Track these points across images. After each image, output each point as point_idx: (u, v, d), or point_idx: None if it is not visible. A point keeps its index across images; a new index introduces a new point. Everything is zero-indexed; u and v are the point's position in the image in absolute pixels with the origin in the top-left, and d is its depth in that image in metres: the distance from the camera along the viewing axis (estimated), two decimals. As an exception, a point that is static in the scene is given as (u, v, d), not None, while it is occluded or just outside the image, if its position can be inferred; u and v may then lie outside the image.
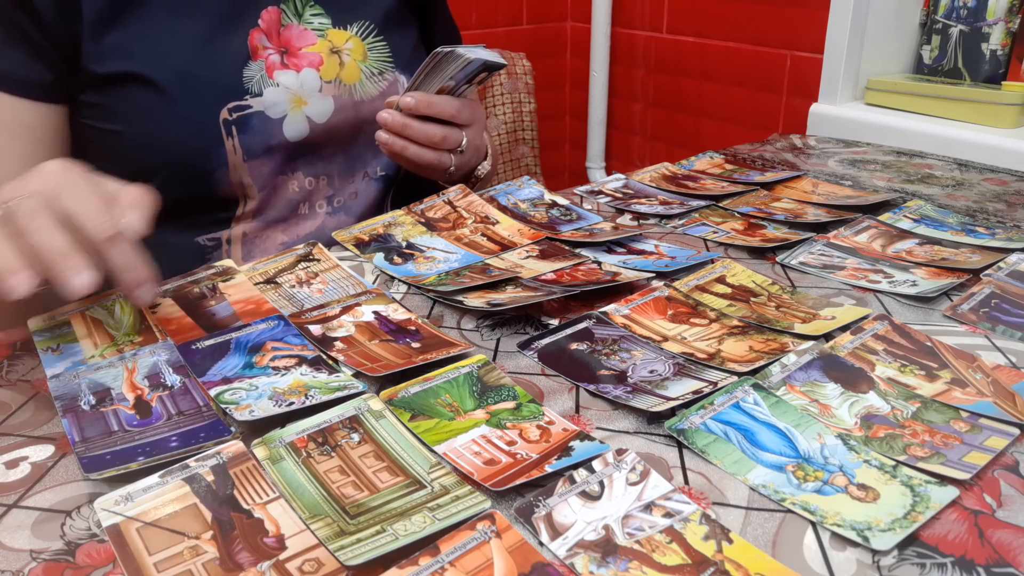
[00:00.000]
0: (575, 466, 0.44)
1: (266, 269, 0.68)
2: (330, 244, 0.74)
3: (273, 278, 0.67)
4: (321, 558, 0.38)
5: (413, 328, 0.59)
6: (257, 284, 0.65)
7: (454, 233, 0.76)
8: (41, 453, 0.46)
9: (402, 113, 0.76)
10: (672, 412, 0.48)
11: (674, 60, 1.79)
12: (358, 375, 0.53)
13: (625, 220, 0.82)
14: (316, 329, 0.58)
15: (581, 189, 0.91)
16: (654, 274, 0.68)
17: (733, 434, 0.47)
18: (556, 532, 0.39)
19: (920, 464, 0.44)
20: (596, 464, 0.44)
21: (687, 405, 0.49)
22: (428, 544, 0.38)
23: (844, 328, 0.58)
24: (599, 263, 0.70)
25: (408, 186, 0.89)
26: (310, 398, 0.49)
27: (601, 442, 0.46)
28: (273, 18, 0.77)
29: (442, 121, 0.77)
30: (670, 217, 0.82)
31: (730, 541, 0.39)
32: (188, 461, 0.44)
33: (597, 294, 0.64)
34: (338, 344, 0.56)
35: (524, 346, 0.57)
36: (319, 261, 0.70)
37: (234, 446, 0.45)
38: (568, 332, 0.58)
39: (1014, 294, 0.64)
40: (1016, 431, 0.46)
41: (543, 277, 0.66)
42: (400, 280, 0.68)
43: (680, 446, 0.46)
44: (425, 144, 0.77)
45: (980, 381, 0.52)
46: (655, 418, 0.48)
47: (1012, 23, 1.23)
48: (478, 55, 0.74)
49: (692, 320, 0.60)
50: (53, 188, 0.50)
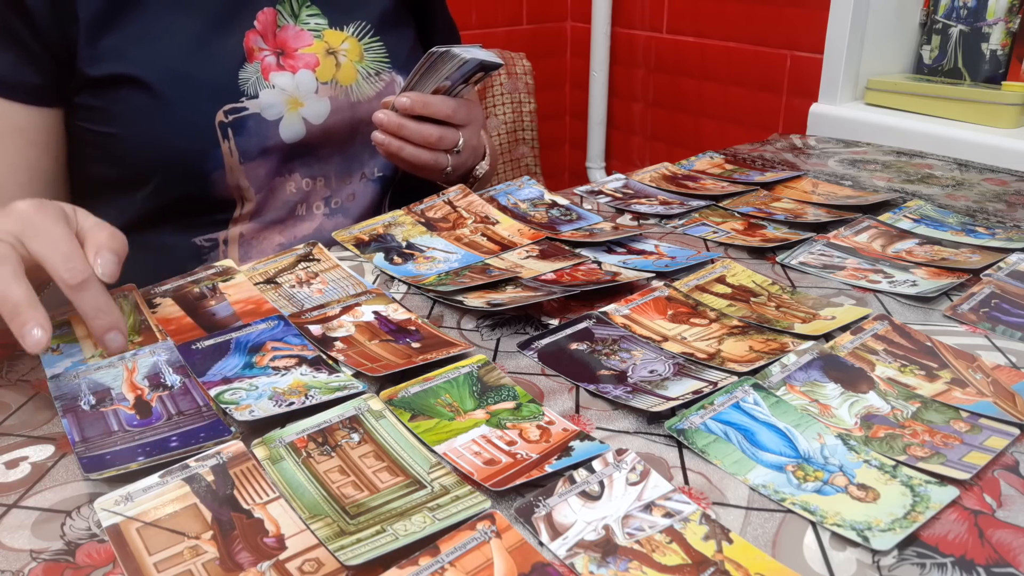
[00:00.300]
0: (575, 466, 0.44)
1: (266, 269, 0.68)
2: (330, 244, 0.74)
3: (273, 278, 0.67)
4: (321, 558, 0.38)
5: (413, 328, 0.59)
6: (257, 284, 0.65)
7: (454, 233, 0.76)
8: (41, 453, 0.46)
9: (398, 113, 0.76)
10: (672, 412, 0.48)
11: (674, 60, 1.79)
12: (358, 375, 0.53)
13: (625, 220, 0.82)
14: (316, 329, 0.58)
15: (581, 189, 0.91)
16: (654, 274, 0.68)
17: (733, 434, 0.47)
18: (556, 532, 0.39)
19: (920, 464, 0.44)
20: (596, 464, 0.44)
21: (687, 405, 0.49)
22: (428, 544, 0.38)
23: (844, 328, 0.58)
24: (599, 263, 0.70)
25: (406, 187, 0.89)
26: (310, 398, 0.49)
27: (601, 442, 0.46)
28: (269, 19, 0.77)
29: (439, 121, 0.77)
30: (670, 217, 0.82)
31: (730, 541, 0.39)
32: (188, 461, 0.44)
33: (597, 294, 0.64)
34: (338, 344, 0.56)
35: (524, 346, 0.57)
36: (319, 261, 0.70)
37: (234, 446, 0.45)
38: (568, 332, 0.58)
39: (1014, 294, 0.64)
40: (1016, 431, 0.46)
41: (543, 277, 0.66)
42: (400, 280, 0.68)
43: (680, 446, 0.46)
44: (421, 144, 0.76)
45: (980, 381, 0.52)
46: (655, 418, 0.48)
47: (1012, 23, 1.23)
48: (474, 55, 0.74)
49: (692, 320, 0.60)
50: (22, 230, 0.50)
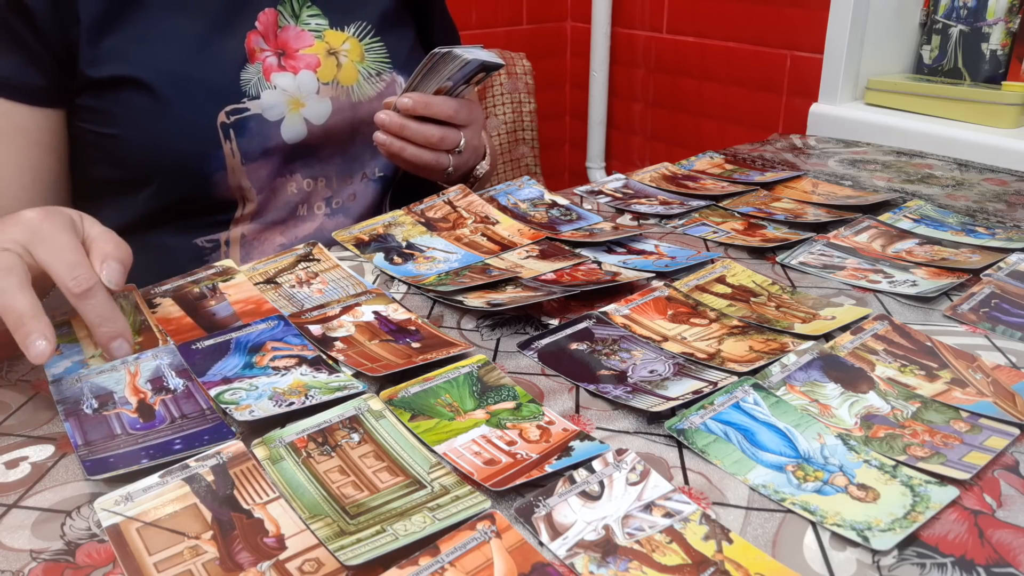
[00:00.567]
0: (575, 466, 0.44)
1: (266, 269, 0.68)
2: (330, 244, 0.74)
3: (273, 278, 0.67)
4: (321, 558, 0.38)
5: (413, 328, 0.59)
6: (257, 284, 0.65)
7: (454, 233, 0.76)
8: (41, 453, 0.46)
9: (400, 114, 0.76)
10: (672, 412, 0.48)
11: (674, 60, 1.79)
12: (358, 375, 0.53)
13: (625, 220, 0.82)
14: (316, 329, 0.58)
15: (581, 189, 0.91)
16: (654, 274, 0.68)
17: (733, 434, 0.47)
18: (556, 532, 0.39)
19: (920, 464, 0.44)
20: (596, 464, 0.44)
21: (687, 405, 0.49)
22: (428, 544, 0.38)
23: (844, 328, 0.58)
24: (599, 263, 0.70)
25: (406, 187, 0.89)
26: (310, 398, 0.49)
27: (601, 442, 0.46)
28: (270, 20, 0.77)
29: (440, 122, 0.77)
30: (670, 217, 0.82)
31: (730, 541, 0.39)
32: (188, 461, 0.44)
33: (597, 294, 0.64)
34: (338, 344, 0.56)
35: (524, 346, 0.57)
36: (319, 261, 0.70)
37: (234, 446, 0.45)
38: (568, 332, 0.58)
39: (1014, 294, 0.64)
40: (1016, 431, 0.46)
41: (543, 277, 0.66)
42: (400, 280, 0.68)
43: (680, 446, 0.46)
44: (423, 145, 0.77)
45: (980, 381, 0.52)
46: (655, 418, 0.48)
47: (1012, 23, 1.23)
48: (475, 55, 0.74)
49: (692, 320, 0.60)
50: (29, 239, 0.50)
